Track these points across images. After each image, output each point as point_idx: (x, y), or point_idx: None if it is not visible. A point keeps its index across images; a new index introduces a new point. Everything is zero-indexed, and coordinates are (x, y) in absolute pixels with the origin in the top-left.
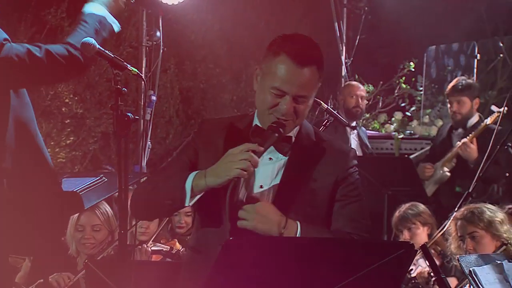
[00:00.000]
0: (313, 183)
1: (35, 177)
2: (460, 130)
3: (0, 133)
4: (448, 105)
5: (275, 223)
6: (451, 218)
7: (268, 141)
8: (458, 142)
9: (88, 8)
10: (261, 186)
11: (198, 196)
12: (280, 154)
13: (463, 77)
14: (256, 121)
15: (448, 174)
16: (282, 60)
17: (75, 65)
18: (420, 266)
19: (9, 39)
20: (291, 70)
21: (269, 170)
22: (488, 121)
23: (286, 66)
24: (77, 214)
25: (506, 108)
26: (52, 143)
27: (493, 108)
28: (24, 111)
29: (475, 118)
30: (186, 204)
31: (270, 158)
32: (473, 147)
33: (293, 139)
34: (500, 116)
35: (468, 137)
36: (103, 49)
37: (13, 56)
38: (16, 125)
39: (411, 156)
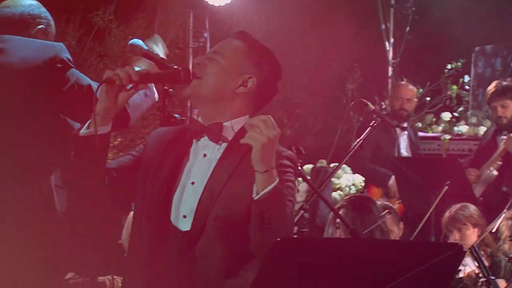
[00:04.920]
0: (238, 182)
1: None
2: (505, 133)
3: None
4: (491, 110)
5: (271, 160)
6: (501, 218)
7: (167, 73)
8: (503, 137)
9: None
10: (192, 183)
11: (98, 128)
12: (215, 152)
13: (498, 81)
14: None
15: (495, 173)
16: None
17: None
18: (468, 267)
19: (71, 60)
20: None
21: (202, 166)
22: None
23: None
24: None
25: None
26: None
27: None
28: None
29: None
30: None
31: (205, 155)
32: None
33: (230, 134)
34: None
35: None
36: (150, 51)
37: (74, 83)
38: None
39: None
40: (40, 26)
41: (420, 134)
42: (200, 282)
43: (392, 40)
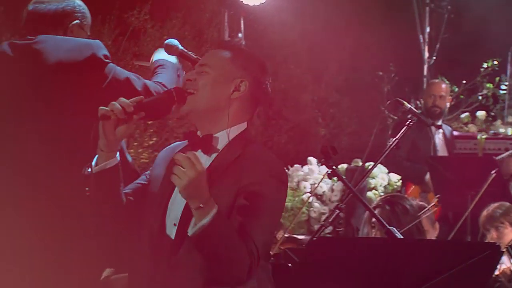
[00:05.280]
0: (219, 191)
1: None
2: None
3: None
4: None
5: (201, 196)
6: None
7: (154, 97)
8: None
9: (159, 55)
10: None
11: (104, 163)
12: (206, 163)
13: None
14: None
15: None
16: None
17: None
18: (504, 264)
19: (109, 56)
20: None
21: None
22: None
23: None
24: None
25: None
26: (135, 144)
27: None
28: None
29: None
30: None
31: None
32: None
33: (220, 144)
34: None
35: None
36: (185, 50)
37: (112, 78)
38: None
39: (497, 158)
40: (75, 21)
41: (456, 133)
42: None
43: (427, 39)
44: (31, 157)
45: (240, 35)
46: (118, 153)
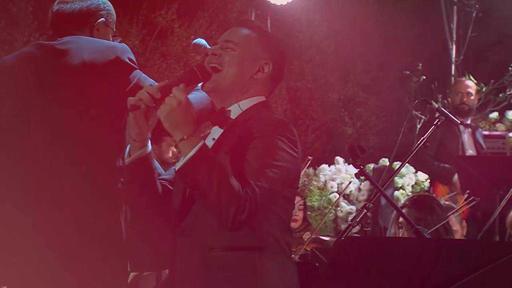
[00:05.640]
0: (224, 158)
1: None
2: None
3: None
4: None
5: (184, 127)
6: None
7: (177, 77)
8: None
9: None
10: None
11: (137, 153)
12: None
13: None
14: None
15: None
16: None
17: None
18: None
19: (134, 59)
20: (229, 29)
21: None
22: None
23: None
24: None
25: None
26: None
27: None
28: None
29: None
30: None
31: (214, 139)
32: None
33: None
34: None
35: None
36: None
37: (135, 84)
38: None
39: None
40: (100, 19)
41: (484, 132)
42: (187, 256)
43: (455, 38)
44: (46, 158)
45: None
46: (149, 142)
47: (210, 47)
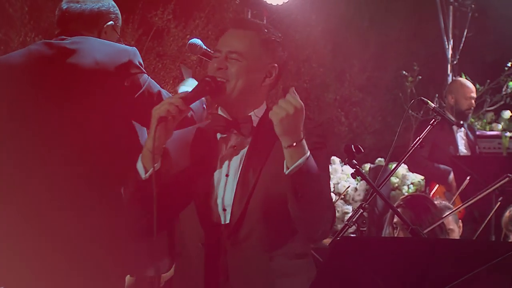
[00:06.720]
0: (272, 166)
1: None
2: None
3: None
4: None
5: (295, 134)
6: None
7: (195, 89)
8: None
9: (185, 88)
10: (226, 175)
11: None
12: (243, 142)
13: None
14: None
15: None
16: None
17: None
18: None
19: (142, 63)
20: (228, 32)
21: (233, 158)
22: None
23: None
24: None
25: None
26: None
27: None
28: None
29: None
30: (143, 177)
31: (234, 146)
32: None
33: (256, 122)
34: None
35: None
36: (209, 50)
37: (145, 90)
38: None
39: None
40: (109, 23)
41: (480, 132)
42: (244, 260)
43: (451, 38)
44: (49, 158)
45: None
46: None
47: (206, 48)
